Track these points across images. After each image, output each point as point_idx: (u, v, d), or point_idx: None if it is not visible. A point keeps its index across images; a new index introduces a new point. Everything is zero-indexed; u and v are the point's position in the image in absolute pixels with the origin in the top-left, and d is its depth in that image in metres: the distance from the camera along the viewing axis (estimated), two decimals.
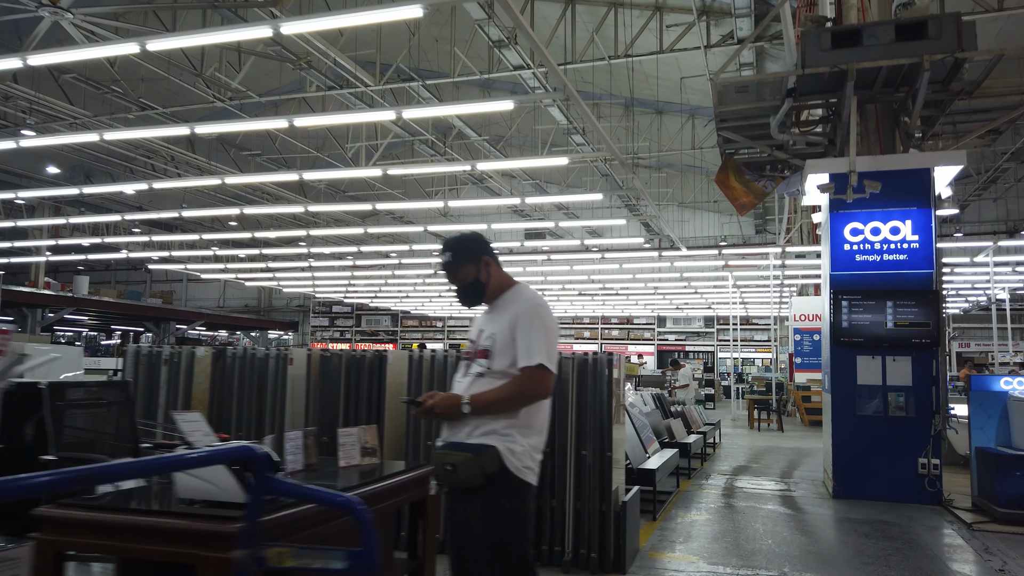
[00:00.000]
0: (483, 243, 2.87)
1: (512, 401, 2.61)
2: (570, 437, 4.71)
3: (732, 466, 9.89)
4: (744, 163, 9.90)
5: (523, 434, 2.63)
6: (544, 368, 2.59)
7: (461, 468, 2.55)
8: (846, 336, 7.62)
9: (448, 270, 2.84)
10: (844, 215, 7.76)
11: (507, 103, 7.93)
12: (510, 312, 2.71)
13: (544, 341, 2.63)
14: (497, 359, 2.68)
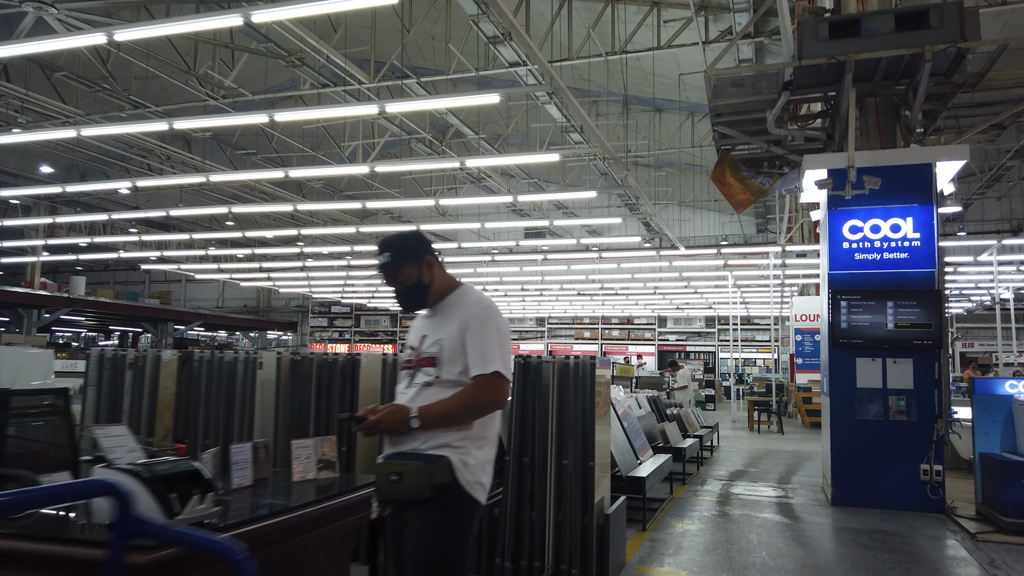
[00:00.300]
0: (424, 242, 2.67)
1: (466, 412, 2.43)
2: (551, 445, 4.46)
3: (729, 471, 9.63)
4: (741, 160, 9.64)
5: (477, 446, 2.46)
6: (500, 376, 2.43)
7: (409, 477, 2.34)
8: (845, 337, 7.36)
9: (387, 272, 2.63)
10: (843, 212, 7.50)
11: (494, 96, 7.68)
12: (458, 316, 2.52)
13: (498, 346, 2.46)
14: (446, 367, 2.48)
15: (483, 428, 2.48)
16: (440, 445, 2.41)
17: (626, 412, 7.56)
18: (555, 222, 19.27)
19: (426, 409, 2.42)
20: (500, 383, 2.43)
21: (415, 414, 2.40)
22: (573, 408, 4.47)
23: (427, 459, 2.38)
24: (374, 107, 7.70)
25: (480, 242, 20.91)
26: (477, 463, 2.44)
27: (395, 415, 2.43)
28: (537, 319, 36.12)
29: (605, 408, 4.97)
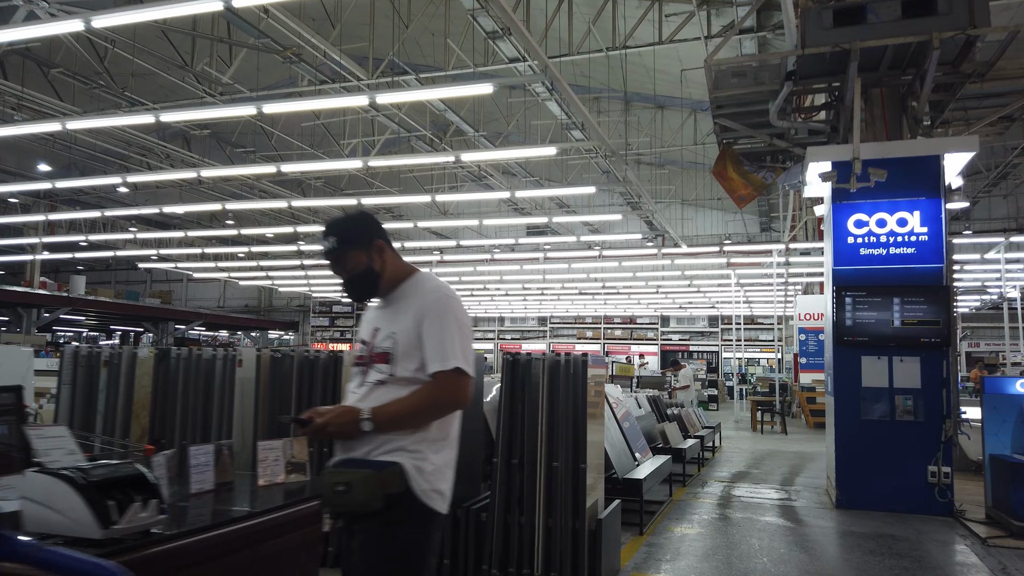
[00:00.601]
0: (374, 225, 2.42)
1: (424, 413, 2.19)
2: (540, 447, 4.25)
3: (731, 472, 9.41)
4: (743, 153, 9.41)
5: (435, 450, 2.21)
6: (461, 373, 2.19)
7: (357, 487, 2.08)
8: (850, 335, 7.13)
9: (333, 258, 2.37)
10: (847, 206, 7.27)
11: (487, 86, 7.48)
12: (413, 306, 2.27)
13: (459, 340, 2.22)
14: (400, 363, 2.23)
15: (442, 430, 2.24)
16: (393, 450, 2.16)
17: (625, 412, 7.34)
18: (555, 219, 19.04)
19: (379, 410, 2.17)
20: (461, 380, 2.19)
21: (367, 415, 2.16)
22: (564, 408, 4.25)
23: (377, 466, 2.13)
24: (364, 98, 7.50)
25: (480, 240, 20.67)
26: (435, 469, 2.20)
27: (344, 417, 2.18)
28: (539, 318, 35.89)
29: (599, 408, 4.76)
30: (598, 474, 4.71)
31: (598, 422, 4.79)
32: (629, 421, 7.18)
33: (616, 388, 7.86)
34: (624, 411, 7.38)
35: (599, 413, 4.84)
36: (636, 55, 18.30)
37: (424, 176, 25.14)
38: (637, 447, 6.95)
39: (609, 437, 6.07)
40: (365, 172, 21.62)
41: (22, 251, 27.51)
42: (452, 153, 10.53)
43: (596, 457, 4.63)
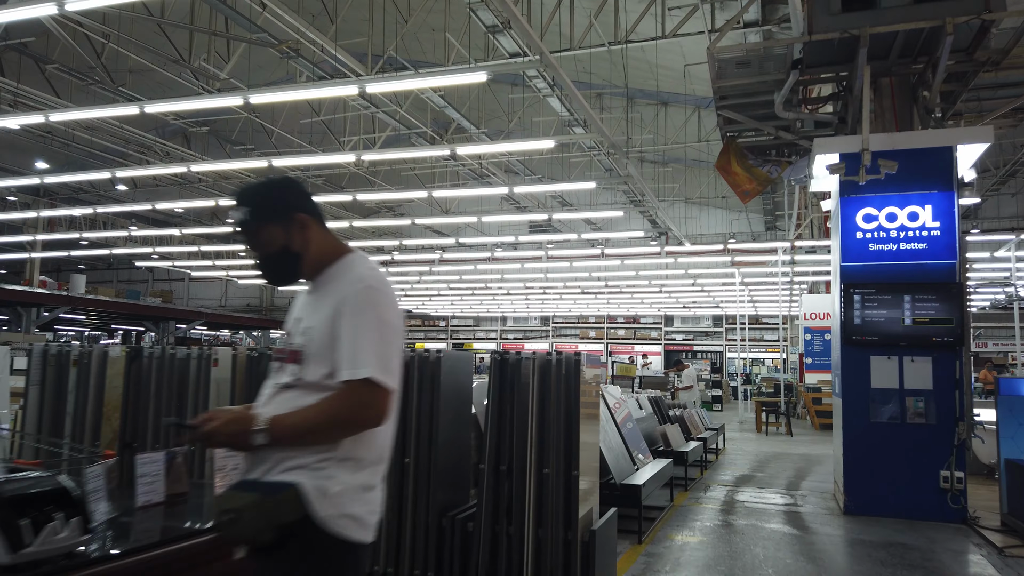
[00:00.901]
0: (296, 194, 2.03)
1: (325, 429, 1.81)
2: (530, 452, 3.99)
3: (735, 475, 9.13)
4: (747, 147, 9.14)
5: (346, 468, 1.83)
6: (373, 384, 1.79)
7: (246, 516, 1.72)
8: (858, 334, 6.85)
9: (244, 233, 2.00)
10: (856, 200, 6.98)
11: (481, 74, 7.22)
12: (334, 296, 1.90)
13: (377, 341, 1.83)
14: (312, 365, 1.87)
15: (356, 446, 1.85)
16: (293, 468, 1.80)
17: (625, 415, 7.08)
18: (555, 216, 18.74)
19: (278, 421, 1.81)
20: (372, 394, 1.79)
21: (262, 426, 1.80)
22: (555, 411, 3.99)
23: (269, 489, 1.76)
24: (354, 87, 7.25)
25: (480, 237, 20.40)
26: (345, 490, 1.81)
27: (234, 426, 1.81)
28: (542, 318, 35.63)
29: (593, 411, 4.49)
30: (593, 481, 4.44)
31: (593, 426, 4.53)
32: (629, 424, 6.91)
33: (616, 389, 7.59)
34: (625, 414, 7.12)
35: (594, 416, 4.58)
36: (639, 50, 18.04)
37: (426, 174, 24.92)
38: (637, 451, 6.69)
39: (607, 441, 5.81)
40: (365, 170, 21.40)
41: (22, 250, 27.38)
42: (447, 147, 10.29)
43: (591, 463, 4.37)
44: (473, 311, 35.34)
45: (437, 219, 21.64)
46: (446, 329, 37.18)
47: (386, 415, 1.83)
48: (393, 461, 4.25)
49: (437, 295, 28.42)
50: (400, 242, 20.56)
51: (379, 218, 27.29)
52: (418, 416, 4.18)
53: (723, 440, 12.02)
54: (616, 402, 6.98)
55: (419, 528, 4.11)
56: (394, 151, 11.43)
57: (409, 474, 4.15)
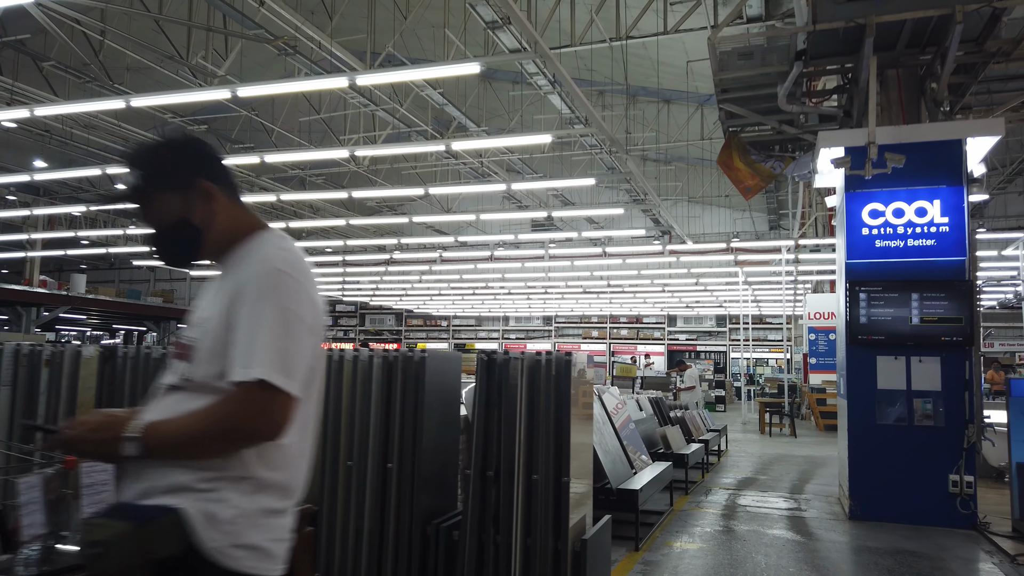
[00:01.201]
0: (200, 157, 1.70)
1: (207, 441, 1.48)
2: (518, 457, 3.78)
3: (737, 478, 8.91)
4: (750, 142, 8.92)
5: (242, 490, 1.51)
6: (269, 387, 1.46)
7: (115, 549, 1.40)
8: (864, 334, 6.63)
9: (137, 200, 1.68)
10: (862, 195, 6.76)
11: (474, 65, 7.03)
12: (236, 280, 1.58)
13: (279, 336, 1.50)
14: (204, 363, 1.55)
15: (256, 464, 1.53)
16: (175, 489, 1.48)
17: (625, 419, 6.88)
18: (555, 213, 18.51)
19: (154, 428, 1.50)
20: (266, 399, 1.46)
21: (134, 434, 1.48)
22: (544, 413, 3.78)
23: (144, 516, 1.44)
24: (344, 80, 7.06)
25: (480, 236, 20.21)
26: (238, 515, 1.49)
27: (103, 431, 1.50)
28: (544, 318, 35.42)
29: (586, 412, 4.28)
30: (586, 486, 4.24)
31: (586, 428, 4.32)
32: (627, 425, 6.71)
33: (614, 390, 7.38)
34: (623, 415, 6.91)
35: (587, 418, 4.37)
36: (640, 47, 17.85)
37: (427, 174, 24.78)
38: (635, 454, 6.49)
39: (603, 444, 5.60)
40: (366, 169, 21.31)
41: (22, 249, 27.35)
42: (443, 142, 10.10)
43: (583, 468, 4.16)
44: (475, 311, 35.15)
45: (436, 217, 21.46)
46: (448, 329, 36.98)
47: (283, 426, 1.49)
48: (375, 466, 4.07)
49: (438, 295, 28.21)
50: (399, 240, 20.36)
51: (377, 216, 27.08)
52: (401, 419, 3.99)
53: (725, 442, 11.80)
54: (614, 404, 6.78)
55: (402, 536, 3.91)
56: (389, 147, 11.28)
57: (392, 480, 3.95)
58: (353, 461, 4.01)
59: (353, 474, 4.00)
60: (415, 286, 26.24)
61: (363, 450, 4.01)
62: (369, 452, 4.00)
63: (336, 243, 21.00)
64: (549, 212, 15.46)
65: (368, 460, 3.99)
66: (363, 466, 4.00)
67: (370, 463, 3.99)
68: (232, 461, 1.51)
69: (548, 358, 3.81)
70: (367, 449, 4.00)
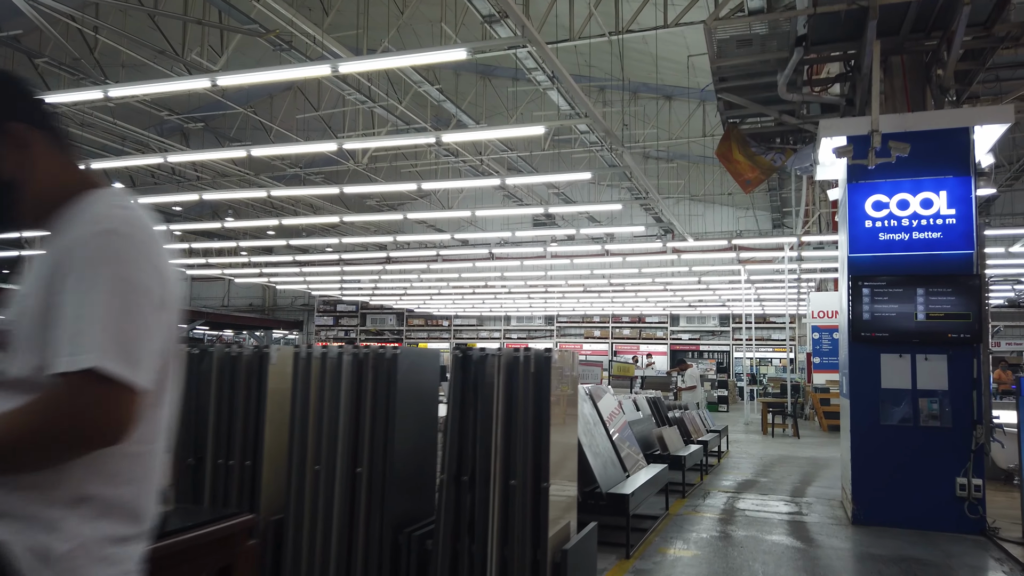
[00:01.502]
0: (14, 96, 1.36)
1: (26, 449, 1.16)
2: (495, 461, 3.53)
3: (737, 480, 8.64)
4: (750, 134, 8.66)
5: (81, 515, 1.22)
6: (103, 378, 1.16)
7: None
8: (868, 330, 6.37)
9: None
10: (865, 186, 6.50)
11: (460, 51, 6.78)
12: (60, 247, 1.27)
13: (115, 314, 1.19)
14: (21, 352, 1.24)
15: (94, 479, 1.24)
16: None
17: (617, 417, 6.62)
18: (552, 209, 18.28)
19: None
20: (101, 394, 1.16)
21: None
22: (523, 415, 3.53)
23: None
24: (326, 67, 6.84)
25: (479, 233, 19.97)
26: (80, 548, 1.19)
27: None
28: (546, 317, 35.14)
29: (569, 413, 4.04)
30: (570, 492, 3.99)
31: (570, 430, 4.07)
32: (620, 426, 6.45)
33: (608, 390, 7.13)
34: (619, 417, 6.66)
35: (571, 420, 4.12)
36: (640, 42, 17.60)
37: (428, 171, 24.59)
38: (628, 456, 6.23)
39: (594, 446, 5.35)
40: (365, 167, 21.20)
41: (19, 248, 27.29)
42: (433, 134, 9.87)
43: (567, 472, 3.92)
44: (476, 310, 34.90)
45: (432, 214, 21.23)
46: (449, 329, 36.73)
47: (125, 427, 1.18)
48: (344, 470, 3.82)
49: (438, 294, 27.96)
50: (395, 238, 20.13)
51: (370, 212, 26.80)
52: (372, 420, 3.74)
53: (726, 443, 11.54)
54: (608, 403, 6.53)
55: (372, 546, 3.66)
56: (379, 139, 11.08)
57: (361, 485, 3.70)
58: (321, 465, 3.77)
59: (321, 479, 3.76)
60: (414, 285, 26.02)
61: (331, 453, 3.76)
62: (338, 455, 3.75)
63: (331, 241, 20.77)
64: (546, 208, 15.16)
65: (337, 464, 3.75)
66: (331, 470, 3.75)
67: (339, 467, 3.74)
68: (64, 476, 1.20)
69: (527, 355, 3.57)
70: (335, 452, 3.76)
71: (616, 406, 7.10)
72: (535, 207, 23.57)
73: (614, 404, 6.87)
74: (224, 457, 3.96)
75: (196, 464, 4.00)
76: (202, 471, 3.98)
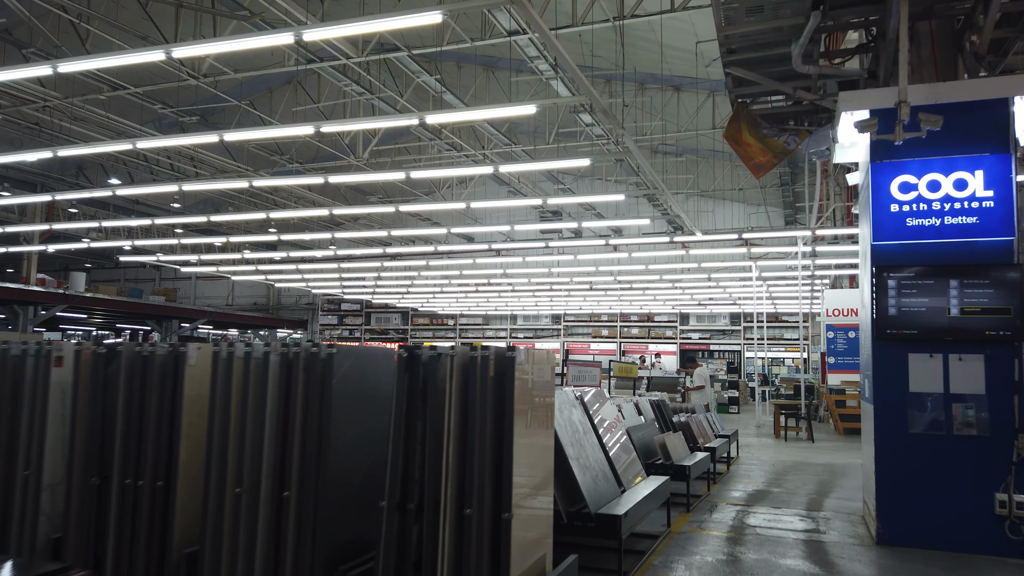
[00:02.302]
0: None
1: None
2: (445, 486, 2.88)
3: (747, 491, 7.95)
4: (762, 116, 7.96)
5: None
6: None
7: None
8: (894, 327, 5.67)
9: None
10: (890, 166, 5.80)
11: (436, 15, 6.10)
12: None
13: None
14: None
15: None
16: None
17: (614, 424, 5.96)
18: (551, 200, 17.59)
19: None
20: None
21: None
22: (480, 429, 2.88)
23: None
24: (289, 35, 6.20)
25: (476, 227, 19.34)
26: None
27: None
28: (553, 316, 34.42)
29: (542, 423, 3.38)
30: (543, 519, 3.34)
31: (541, 445, 3.42)
32: (615, 435, 5.79)
33: (605, 395, 6.47)
34: (618, 426, 6.00)
35: (543, 433, 3.47)
36: (648, 29, 16.92)
37: (429, 166, 23.97)
38: (626, 468, 5.57)
39: (583, 459, 4.69)
40: (366, 163, 20.78)
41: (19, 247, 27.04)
42: (416, 115, 9.29)
43: (539, 496, 3.26)
44: (482, 309, 34.24)
45: (424, 206, 20.68)
46: (455, 328, 36.07)
47: None
48: (269, 494, 3.18)
49: (440, 292, 27.33)
50: (389, 232, 19.54)
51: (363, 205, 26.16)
52: (303, 434, 3.10)
53: (736, 448, 10.83)
54: (602, 409, 5.87)
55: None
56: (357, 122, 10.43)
57: (289, 512, 3.07)
58: (243, 487, 3.13)
59: (242, 504, 3.12)
60: (415, 283, 25.43)
61: (254, 473, 3.13)
62: (262, 476, 3.12)
63: (326, 236, 20.20)
64: (544, 199, 14.50)
65: (260, 486, 3.11)
66: (254, 494, 3.12)
67: (263, 490, 3.11)
68: None
69: (485, 355, 2.91)
70: (259, 472, 3.12)
71: (615, 412, 6.44)
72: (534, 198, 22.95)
73: (612, 411, 6.21)
74: (133, 476, 3.34)
75: (101, 484, 3.38)
76: (107, 493, 3.36)
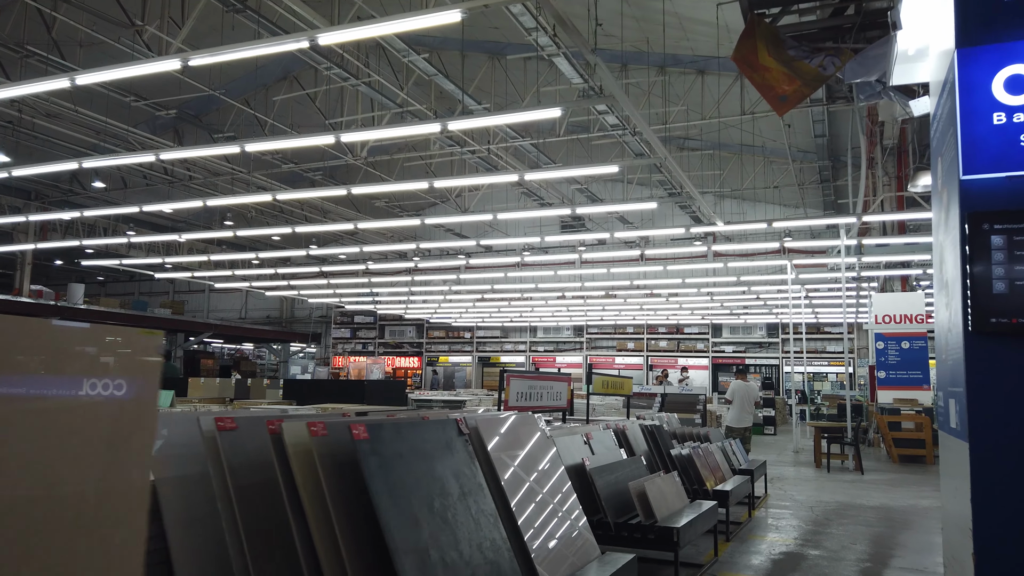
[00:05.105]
0: None
1: None
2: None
3: (771, 556, 5.72)
4: (789, 34, 5.82)
5: None
6: None
7: None
8: (1002, 313, 3.44)
9: None
10: (991, 51, 3.61)
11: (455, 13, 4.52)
12: None
13: None
14: None
15: None
16: None
17: (545, 471, 3.87)
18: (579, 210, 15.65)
19: None
20: None
21: None
22: None
23: None
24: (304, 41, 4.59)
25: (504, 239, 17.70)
26: None
27: None
28: (575, 328, 32.17)
29: None
30: None
31: None
32: (545, 494, 3.67)
33: (541, 423, 4.37)
34: (543, 471, 3.90)
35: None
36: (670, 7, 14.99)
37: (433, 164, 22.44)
38: (555, 550, 3.45)
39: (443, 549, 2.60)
40: (364, 161, 19.41)
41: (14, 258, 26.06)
42: (439, 121, 7.79)
43: None
44: (499, 321, 32.23)
45: (452, 218, 18.96)
46: (472, 341, 34.03)
47: None
48: None
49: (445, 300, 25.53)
50: (417, 245, 18.17)
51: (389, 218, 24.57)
52: None
53: (764, 484, 8.58)
54: (520, 447, 3.77)
55: None
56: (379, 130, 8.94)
57: None
58: None
59: None
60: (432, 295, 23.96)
61: None
62: None
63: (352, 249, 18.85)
64: (573, 208, 12.62)
65: None
66: None
67: None
68: None
69: None
70: None
71: (578, 445, 4.34)
72: (561, 208, 21.08)
73: (570, 444, 4.11)
74: None
75: None
76: None
